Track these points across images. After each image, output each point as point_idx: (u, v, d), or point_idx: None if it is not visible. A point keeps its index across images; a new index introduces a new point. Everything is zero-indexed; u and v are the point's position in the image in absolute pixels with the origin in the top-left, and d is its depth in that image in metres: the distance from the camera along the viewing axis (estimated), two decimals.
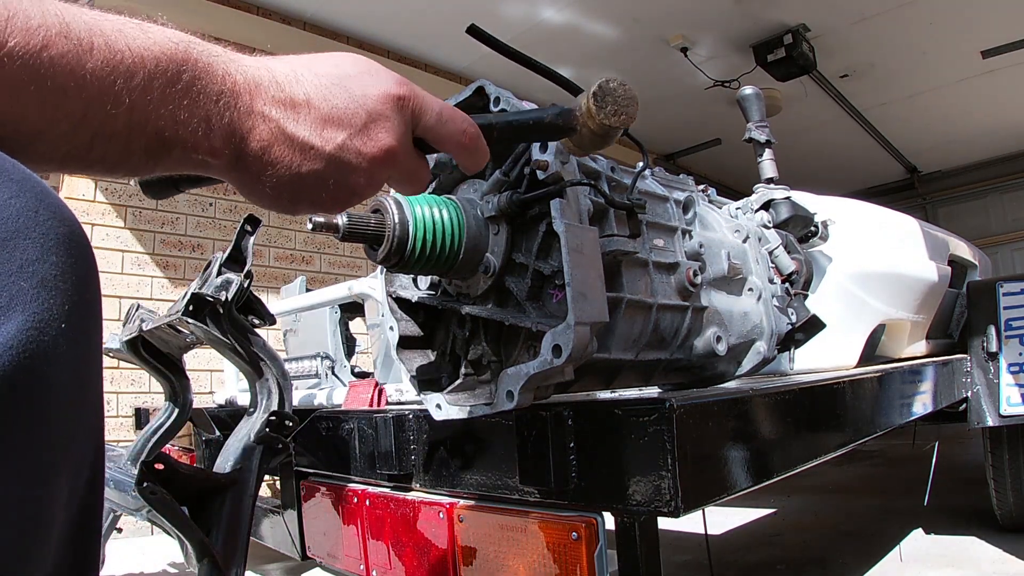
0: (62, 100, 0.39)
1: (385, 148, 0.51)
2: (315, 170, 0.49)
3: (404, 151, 0.53)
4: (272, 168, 0.48)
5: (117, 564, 2.51)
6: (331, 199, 0.51)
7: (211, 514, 0.95)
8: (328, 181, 0.50)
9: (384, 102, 0.51)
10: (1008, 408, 2.06)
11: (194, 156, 0.46)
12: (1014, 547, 2.25)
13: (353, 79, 0.51)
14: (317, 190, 0.50)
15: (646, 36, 4.75)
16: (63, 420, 0.34)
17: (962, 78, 5.55)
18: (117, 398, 3.31)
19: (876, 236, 1.90)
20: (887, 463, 4.33)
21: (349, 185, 0.51)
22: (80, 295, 0.36)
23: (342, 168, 0.50)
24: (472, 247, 0.84)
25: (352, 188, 0.51)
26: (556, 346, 0.73)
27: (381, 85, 0.52)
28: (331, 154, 0.49)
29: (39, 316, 0.32)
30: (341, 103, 0.50)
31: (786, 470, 1.02)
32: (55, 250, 0.34)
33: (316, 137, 0.48)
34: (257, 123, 0.47)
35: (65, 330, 0.34)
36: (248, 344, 1.08)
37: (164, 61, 0.43)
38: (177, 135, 0.44)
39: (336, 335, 2.35)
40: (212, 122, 0.45)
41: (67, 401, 0.34)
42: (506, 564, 0.91)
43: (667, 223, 1.00)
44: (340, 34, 4.44)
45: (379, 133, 0.51)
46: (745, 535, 2.82)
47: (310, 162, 0.48)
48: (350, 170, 0.50)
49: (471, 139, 0.57)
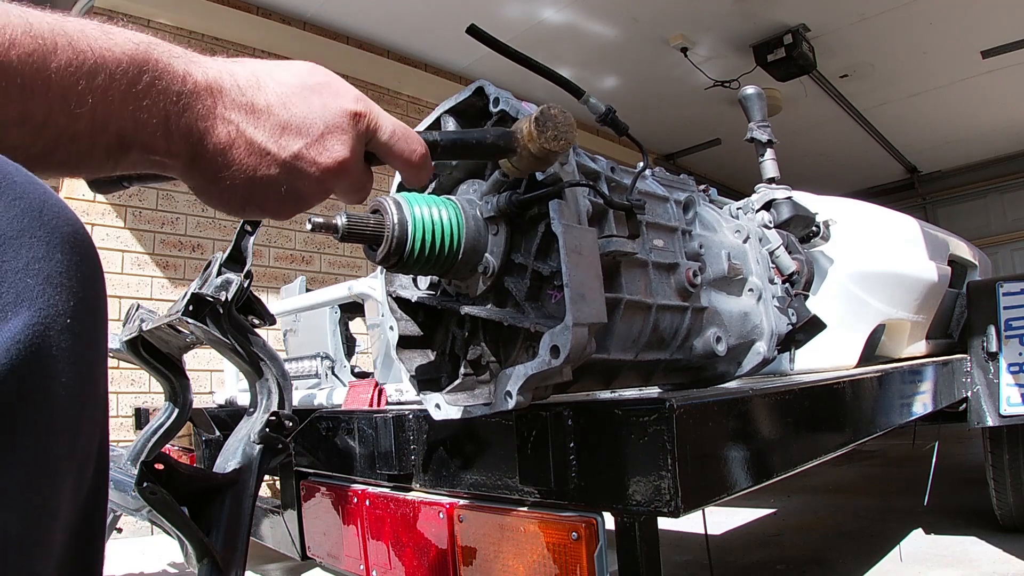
0: (28, 100, 0.39)
1: (339, 160, 0.53)
2: (269, 175, 0.50)
3: (356, 164, 0.55)
4: (228, 170, 0.49)
5: (117, 564, 2.51)
6: (279, 204, 0.53)
7: (211, 514, 0.95)
8: (280, 187, 0.51)
9: (342, 116, 0.53)
10: (1008, 408, 2.06)
11: (152, 157, 0.47)
12: (1014, 547, 2.25)
13: (314, 90, 0.52)
14: (267, 194, 0.51)
15: (646, 36, 4.75)
16: (68, 414, 0.35)
17: (962, 78, 5.56)
18: (117, 398, 3.31)
19: (877, 236, 1.90)
20: (887, 463, 4.33)
21: (299, 192, 0.52)
22: (86, 292, 0.36)
23: (295, 175, 0.51)
24: (471, 247, 0.84)
25: (301, 195, 0.53)
26: (554, 347, 0.73)
27: (340, 99, 0.53)
28: (286, 161, 0.50)
29: (45, 312, 0.33)
30: (300, 113, 0.51)
31: (786, 470, 1.02)
32: (60, 248, 0.35)
33: (274, 143, 0.49)
34: (217, 125, 0.48)
35: (71, 326, 0.34)
36: (248, 344, 1.08)
37: (126, 62, 0.43)
38: (137, 136, 0.45)
39: (336, 335, 2.35)
40: (171, 123, 0.46)
41: (73, 395, 0.35)
42: (506, 564, 0.91)
43: (667, 223, 1.00)
44: (340, 34, 4.44)
45: (335, 145, 0.52)
46: (745, 535, 2.82)
47: (265, 167, 0.50)
48: (302, 178, 0.51)
49: (420, 158, 0.59)
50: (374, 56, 4.62)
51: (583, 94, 1.03)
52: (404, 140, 0.58)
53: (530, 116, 0.66)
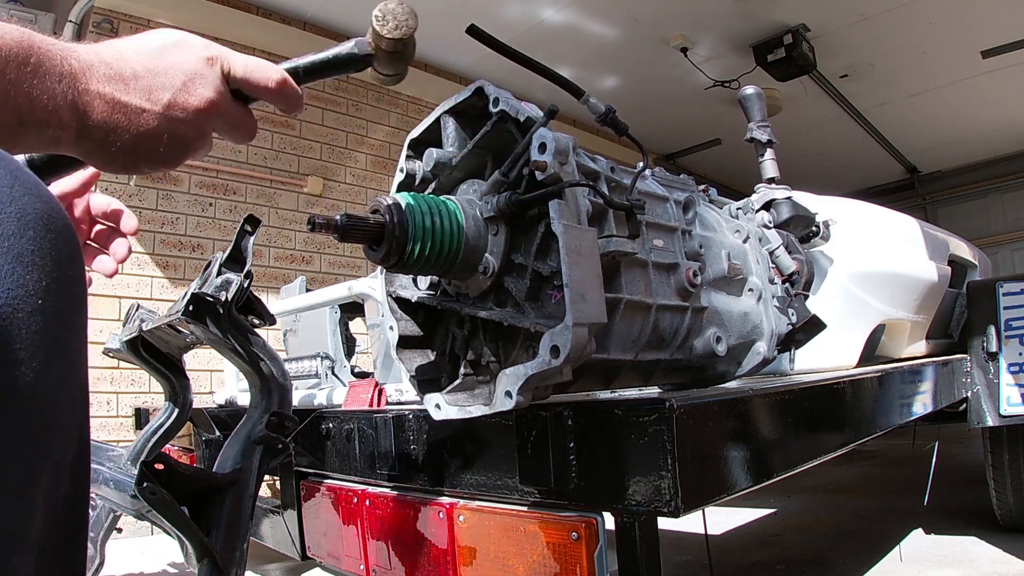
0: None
1: (207, 99, 0.60)
2: (150, 128, 0.57)
3: (224, 101, 0.62)
4: (115, 134, 0.56)
5: (117, 564, 2.51)
6: (167, 154, 0.59)
7: (211, 514, 0.95)
8: (163, 136, 0.58)
9: (198, 62, 0.60)
10: (1008, 408, 2.06)
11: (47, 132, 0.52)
12: (1014, 547, 2.25)
13: (168, 49, 0.59)
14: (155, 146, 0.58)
15: (646, 36, 4.75)
16: (42, 400, 0.34)
17: (962, 78, 5.55)
18: (117, 398, 3.31)
19: (876, 236, 1.90)
20: (887, 463, 4.33)
21: (181, 137, 0.59)
22: (60, 272, 0.35)
23: (173, 123, 0.58)
24: (471, 247, 0.84)
25: (184, 139, 0.59)
26: (554, 347, 0.73)
27: (193, 50, 0.60)
28: (161, 113, 0.57)
29: (13, 293, 0.32)
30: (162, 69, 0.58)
31: (786, 470, 1.02)
32: (33, 226, 0.34)
33: (146, 101, 0.56)
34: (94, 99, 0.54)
35: (42, 307, 0.33)
36: (248, 344, 1.08)
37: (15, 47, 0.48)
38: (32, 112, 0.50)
39: (336, 335, 2.35)
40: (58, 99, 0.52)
41: (45, 380, 0.34)
42: (506, 564, 0.91)
43: (667, 223, 1.00)
44: (340, 34, 4.44)
45: (198, 88, 0.59)
46: (745, 535, 2.82)
47: (145, 123, 0.57)
48: (179, 123, 0.58)
49: (278, 84, 0.65)
50: None
51: (583, 94, 1.02)
52: (259, 70, 0.64)
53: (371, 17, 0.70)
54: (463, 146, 0.90)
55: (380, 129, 4.69)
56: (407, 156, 0.97)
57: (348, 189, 4.48)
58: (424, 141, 0.95)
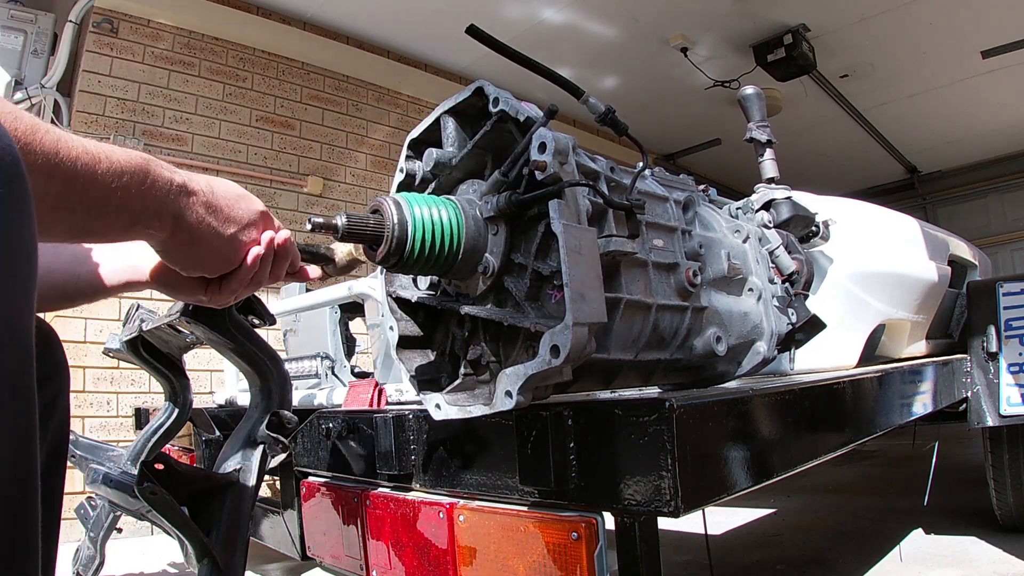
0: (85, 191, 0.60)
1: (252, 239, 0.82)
2: (215, 246, 0.77)
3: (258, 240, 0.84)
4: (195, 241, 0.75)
5: (117, 564, 2.51)
6: (216, 264, 0.79)
7: (211, 514, 0.95)
8: (220, 253, 0.78)
9: (256, 214, 0.82)
10: (1008, 408, 2.06)
11: (147, 230, 0.70)
12: (1014, 547, 2.25)
13: (241, 197, 0.81)
14: (214, 259, 0.79)
15: (646, 36, 4.75)
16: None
17: (962, 78, 5.55)
18: (117, 398, 3.31)
19: (876, 236, 1.90)
20: (887, 463, 4.33)
21: (229, 258, 0.80)
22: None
23: (231, 247, 0.79)
24: (471, 247, 0.84)
25: (230, 260, 0.80)
26: (554, 346, 0.73)
27: (255, 204, 0.82)
28: (227, 238, 0.78)
29: None
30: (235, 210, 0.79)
31: (786, 470, 1.02)
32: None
33: (221, 227, 0.77)
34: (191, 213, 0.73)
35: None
36: (248, 344, 1.08)
37: (136, 168, 0.66)
38: (141, 216, 0.68)
39: (336, 335, 2.35)
40: (163, 208, 0.70)
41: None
42: (506, 564, 0.91)
43: (667, 223, 1.00)
44: (340, 34, 4.44)
45: (252, 231, 0.81)
46: (745, 535, 2.82)
47: (216, 241, 0.77)
48: (233, 249, 0.79)
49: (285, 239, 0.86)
50: (374, 56, 4.62)
51: (583, 94, 1.02)
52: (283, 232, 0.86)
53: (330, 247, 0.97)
54: (463, 146, 0.90)
55: (380, 129, 4.69)
56: (407, 156, 0.98)
57: (348, 189, 4.48)
58: (424, 141, 0.96)
